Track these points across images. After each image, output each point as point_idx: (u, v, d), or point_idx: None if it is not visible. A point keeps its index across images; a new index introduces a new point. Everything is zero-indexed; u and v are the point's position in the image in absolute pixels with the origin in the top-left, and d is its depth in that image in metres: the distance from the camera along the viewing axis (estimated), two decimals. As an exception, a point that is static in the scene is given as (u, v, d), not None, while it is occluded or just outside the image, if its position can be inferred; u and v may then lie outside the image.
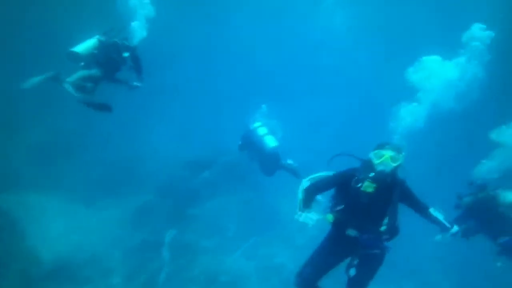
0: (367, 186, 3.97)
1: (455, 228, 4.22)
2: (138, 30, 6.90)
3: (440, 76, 6.74)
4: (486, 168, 5.97)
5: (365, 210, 4.05)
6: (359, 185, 4.00)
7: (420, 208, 4.20)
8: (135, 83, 7.07)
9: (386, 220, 3.99)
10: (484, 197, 5.63)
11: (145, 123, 15.84)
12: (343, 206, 4.17)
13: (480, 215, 5.48)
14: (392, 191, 4.03)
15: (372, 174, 3.98)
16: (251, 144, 8.88)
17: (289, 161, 8.90)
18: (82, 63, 6.34)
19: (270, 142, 8.49)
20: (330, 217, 4.19)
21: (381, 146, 4.12)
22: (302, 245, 11.14)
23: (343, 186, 4.18)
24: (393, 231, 4.02)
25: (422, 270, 11.58)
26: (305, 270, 4.23)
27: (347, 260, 4.30)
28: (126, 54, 6.68)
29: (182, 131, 15.98)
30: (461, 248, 6.51)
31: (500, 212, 5.32)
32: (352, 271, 4.13)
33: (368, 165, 4.11)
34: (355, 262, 4.17)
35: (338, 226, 4.20)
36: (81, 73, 6.24)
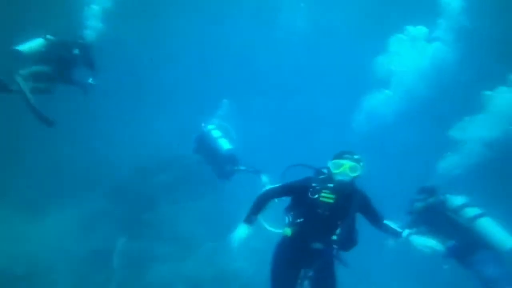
0: (326, 197, 3.86)
1: (406, 231, 4.25)
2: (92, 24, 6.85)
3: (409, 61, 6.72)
4: (450, 162, 6.03)
5: (324, 221, 3.92)
6: (317, 196, 3.84)
7: (376, 220, 4.16)
8: (89, 81, 6.85)
9: (338, 231, 3.92)
10: (434, 202, 5.77)
11: (97, 126, 15.14)
12: (302, 219, 4.01)
13: (430, 219, 5.60)
14: (350, 201, 3.92)
15: (331, 185, 3.84)
16: (205, 147, 8.58)
17: (242, 167, 8.62)
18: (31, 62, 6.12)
19: (224, 144, 8.23)
20: (288, 231, 3.99)
21: (339, 156, 3.99)
22: (260, 248, 10.87)
23: (299, 197, 4.04)
24: (345, 241, 3.92)
25: (377, 276, 11.66)
26: None
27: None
28: (76, 51, 6.46)
29: (137, 134, 15.42)
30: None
31: (448, 216, 5.45)
32: (306, 284, 4.05)
33: (326, 175, 4.01)
34: (310, 274, 4.07)
35: (298, 240, 4.02)
36: (31, 69, 6.00)
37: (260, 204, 4.14)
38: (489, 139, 6.80)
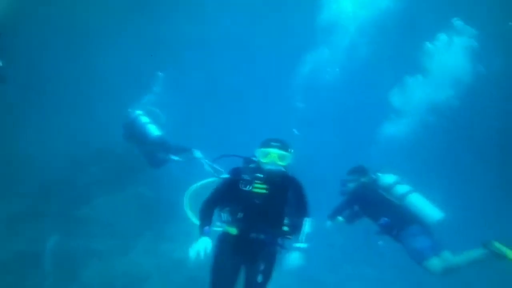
0: (259, 188, 3.80)
1: (303, 245, 4.10)
2: None
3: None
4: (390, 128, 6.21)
5: (261, 211, 3.87)
6: (249, 187, 3.70)
7: (298, 213, 4.04)
8: None
9: (287, 221, 3.93)
10: (366, 182, 5.99)
11: (16, 120, 13.92)
12: (242, 214, 3.95)
13: (363, 199, 5.82)
14: (286, 190, 3.89)
15: (260, 175, 3.69)
16: (134, 133, 8.17)
17: (174, 158, 8.29)
18: None
19: (153, 131, 7.87)
20: (233, 230, 3.86)
21: (266, 144, 3.87)
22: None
23: (231, 190, 3.96)
24: (296, 230, 3.96)
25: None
26: None
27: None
28: None
29: (60, 127, 14.39)
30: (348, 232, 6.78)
31: (380, 194, 5.69)
32: (260, 278, 3.98)
33: (255, 164, 3.95)
34: (262, 267, 4.01)
35: (243, 235, 4.00)
36: None
37: (207, 215, 4.00)
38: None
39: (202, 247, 3.85)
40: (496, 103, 12.62)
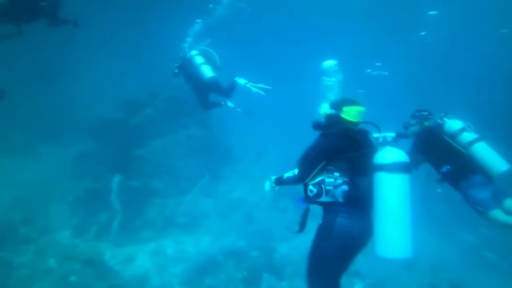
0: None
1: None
2: None
3: None
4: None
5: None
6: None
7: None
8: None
9: None
10: (430, 126, 5.67)
11: (73, 67, 14.30)
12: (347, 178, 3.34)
13: (426, 144, 5.51)
14: None
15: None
16: (188, 73, 8.04)
17: (230, 104, 8.18)
18: None
19: (208, 72, 7.69)
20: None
21: (353, 102, 3.58)
22: (259, 177, 10.90)
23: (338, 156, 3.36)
24: None
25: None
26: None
27: None
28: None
29: (114, 71, 14.62)
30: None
31: (445, 140, 5.37)
32: None
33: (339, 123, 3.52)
34: None
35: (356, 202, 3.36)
36: None
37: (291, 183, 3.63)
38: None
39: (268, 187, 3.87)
40: None
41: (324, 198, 3.31)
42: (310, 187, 3.36)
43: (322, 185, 3.30)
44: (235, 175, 10.97)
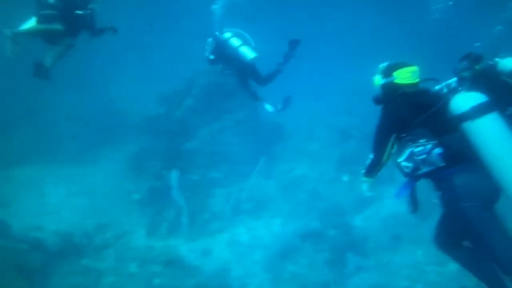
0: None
1: None
2: None
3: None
4: None
5: None
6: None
7: None
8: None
9: None
10: (482, 69, 5.05)
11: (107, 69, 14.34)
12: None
13: (484, 88, 4.92)
14: None
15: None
16: (225, 56, 7.66)
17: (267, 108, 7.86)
18: None
19: (248, 53, 7.30)
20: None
21: (403, 64, 3.37)
22: (316, 151, 10.57)
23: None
24: None
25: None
26: None
27: None
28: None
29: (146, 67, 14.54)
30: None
31: (503, 81, 4.77)
32: None
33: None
34: None
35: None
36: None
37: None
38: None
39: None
40: None
41: (424, 169, 3.02)
42: (403, 164, 3.09)
43: (414, 157, 3.02)
44: (290, 153, 10.64)
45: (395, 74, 3.31)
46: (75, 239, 7.28)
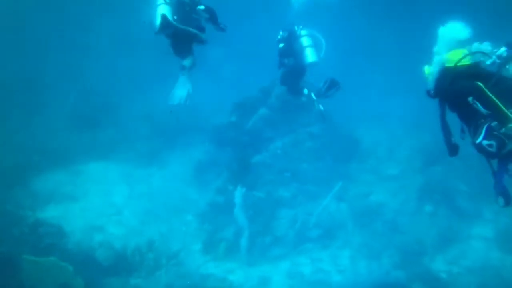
0: None
1: None
2: None
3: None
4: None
5: None
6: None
7: None
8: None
9: None
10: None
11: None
12: None
13: None
14: None
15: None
16: (290, 52, 7.04)
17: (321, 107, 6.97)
18: None
19: (310, 56, 6.61)
20: None
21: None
22: (396, 175, 9.29)
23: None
24: None
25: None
26: None
27: None
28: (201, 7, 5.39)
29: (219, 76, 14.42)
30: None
31: None
32: None
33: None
34: None
35: None
36: None
37: None
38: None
39: None
40: None
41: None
42: (484, 143, 2.73)
43: (495, 132, 2.71)
44: (367, 174, 9.54)
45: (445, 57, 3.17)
46: (127, 254, 7.07)
